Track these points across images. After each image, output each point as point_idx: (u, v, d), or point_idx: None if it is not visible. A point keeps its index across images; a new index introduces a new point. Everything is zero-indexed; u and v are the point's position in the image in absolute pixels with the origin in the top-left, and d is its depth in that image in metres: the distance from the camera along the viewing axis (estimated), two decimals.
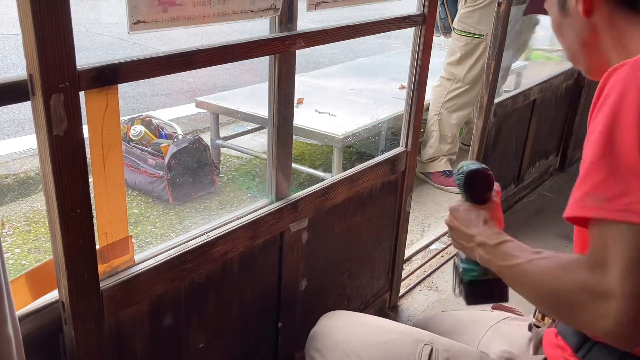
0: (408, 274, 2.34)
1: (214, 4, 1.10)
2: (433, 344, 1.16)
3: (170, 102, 4.81)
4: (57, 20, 0.86)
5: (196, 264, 1.26)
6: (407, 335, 1.20)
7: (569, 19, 1.01)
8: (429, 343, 1.16)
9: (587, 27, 0.99)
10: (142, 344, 1.22)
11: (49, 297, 1.05)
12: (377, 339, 1.21)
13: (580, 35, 1.01)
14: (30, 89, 0.89)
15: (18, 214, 2.98)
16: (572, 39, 1.04)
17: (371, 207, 1.81)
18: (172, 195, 3.14)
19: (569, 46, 1.06)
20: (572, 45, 1.05)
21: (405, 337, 1.19)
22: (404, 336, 1.20)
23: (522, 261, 0.90)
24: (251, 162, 3.73)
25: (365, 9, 7.96)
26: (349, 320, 1.32)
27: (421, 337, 1.19)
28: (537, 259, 0.88)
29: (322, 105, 3.35)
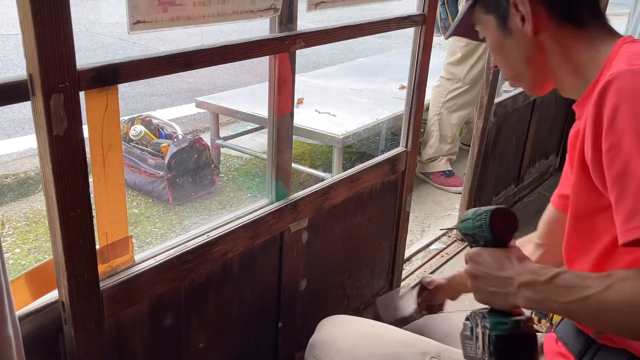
0: (408, 274, 2.34)
1: (214, 4, 1.10)
2: (440, 356, 1.13)
3: (170, 102, 4.81)
4: (57, 20, 0.86)
5: (196, 264, 1.26)
6: (414, 348, 1.16)
7: (512, 39, 1.01)
8: (436, 356, 1.13)
9: (534, 46, 0.99)
10: (142, 344, 1.22)
11: (49, 297, 1.05)
12: (382, 351, 1.17)
13: (527, 55, 1.01)
14: (30, 89, 0.89)
15: (18, 214, 2.98)
16: (516, 59, 1.03)
17: (371, 207, 1.81)
18: (172, 195, 3.14)
19: (512, 66, 1.05)
20: (515, 65, 1.04)
21: (411, 350, 1.15)
22: (410, 349, 1.16)
23: (597, 290, 0.80)
24: (251, 162, 3.73)
25: (365, 9, 7.96)
26: (351, 328, 1.28)
27: (428, 349, 1.15)
28: (615, 283, 0.79)
29: (322, 105, 3.35)
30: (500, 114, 2.59)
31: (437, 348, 1.16)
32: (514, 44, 1.01)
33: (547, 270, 0.86)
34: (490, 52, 1.08)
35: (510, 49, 1.02)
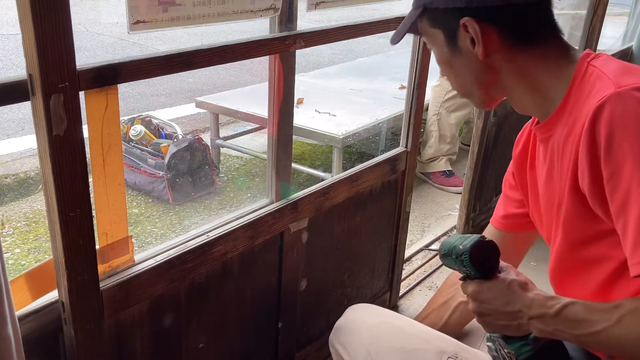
0: (408, 274, 2.34)
1: (214, 4, 1.10)
2: (457, 356, 1.13)
3: (170, 102, 4.81)
4: (57, 20, 0.86)
5: (196, 264, 1.26)
6: (432, 346, 1.16)
7: (462, 58, 0.97)
8: (453, 356, 1.13)
9: (485, 68, 0.96)
10: (142, 344, 1.22)
11: (49, 297, 1.05)
12: (402, 346, 1.17)
13: (477, 76, 0.97)
14: (30, 89, 0.89)
15: (18, 214, 2.98)
16: (465, 77, 1.00)
17: (371, 207, 1.81)
18: (172, 195, 3.14)
19: (462, 83, 1.01)
20: (465, 83, 1.01)
21: (429, 347, 1.16)
22: (429, 346, 1.16)
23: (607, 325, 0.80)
24: (251, 162, 3.73)
25: (365, 9, 7.96)
26: (377, 320, 1.27)
27: (445, 348, 1.14)
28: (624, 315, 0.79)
29: (322, 105, 3.35)
30: (500, 114, 2.59)
31: (455, 347, 1.15)
32: (463, 63, 0.97)
33: (555, 301, 0.85)
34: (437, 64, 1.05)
35: (459, 67, 0.99)
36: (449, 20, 0.95)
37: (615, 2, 3.97)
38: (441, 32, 0.98)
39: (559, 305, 0.84)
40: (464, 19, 0.92)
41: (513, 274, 0.92)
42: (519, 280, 0.91)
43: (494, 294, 0.91)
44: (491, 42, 0.93)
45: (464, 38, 0.94)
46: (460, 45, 0.96)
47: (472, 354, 1.15)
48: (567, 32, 4.38)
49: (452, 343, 1.17)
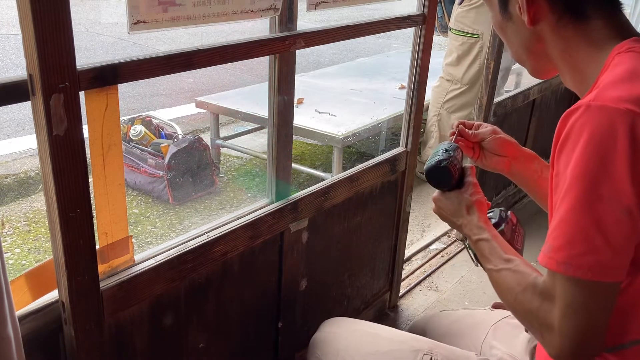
0: (408, 274, 2.34)
1: (214, 4, 1.10)
2: (432, 353, 1.17)
3: (170, 102, 4.81)
4: (57, 20, 0.86)
5: (196, 264, 1.26)
6: (407, 346, 1.20)
7: (512, 24, 0.97)
8: (428, 353, 1.17)
9: (532, 36, 0.96)
10: (142, 344, 1.22)
11: (49, 297, 1.05)
12: (378, 349, 1.21)
13: (525, 43, 0.98)
14: (30, 89, 0.89)
15: (18, 214, 2.98)
16: (516, 44, 1.00)
17: (371, 207, 1.81)
18: (172, 195, 3.14)
19: (514, 49, 1.02)
20: (516, 49, 1.01)
21: (405, 347, 1.19)
22: (404, 346, 1.20)
23: (492, 268, 0.97)
24: (251, 162, 3.73)
25: (365, 9, 7.96)
26: (350, 328, 1.31)
27: (420, 347, 1.18)
28: (504, 269, 0.95)
29: (322, 105, 3.35)
30: (500, 114, 2.59)
31: (429, 345, 1.19)
32: (514, 29, 0.98)
33: (479, 231, 1.03)
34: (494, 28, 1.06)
35: (510, 33, 0.99)
36: None
37: None
38: None
39: (477, 237, 1.03)
40: None
41: (469, 192, 1.09)
42: (468, 201, 1.08)
43: (447, 205, 1.12)
44: (539, 11, 0.92)
45: (513, 4, 0.94)
46: (510, 10, 0.96)
47: (447, 349, 1.18)
48: None
49: (427, 341, 1.20)
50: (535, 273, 0.91)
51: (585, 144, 0.77)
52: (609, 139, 0.76)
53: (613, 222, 0.77)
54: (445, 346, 1.20)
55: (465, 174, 1.13)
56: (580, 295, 0.80)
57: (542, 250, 0.83)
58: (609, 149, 0.76)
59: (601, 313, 0.81)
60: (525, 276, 0.91)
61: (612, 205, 0.76)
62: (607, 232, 0.77)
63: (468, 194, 1.09)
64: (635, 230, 0.78)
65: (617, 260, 0.79)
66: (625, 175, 0.76)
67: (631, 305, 0.85)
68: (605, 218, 0.77)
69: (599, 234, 0.77)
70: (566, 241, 0.79)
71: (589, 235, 0.78)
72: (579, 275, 0.78)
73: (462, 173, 1.14)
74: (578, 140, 0.78)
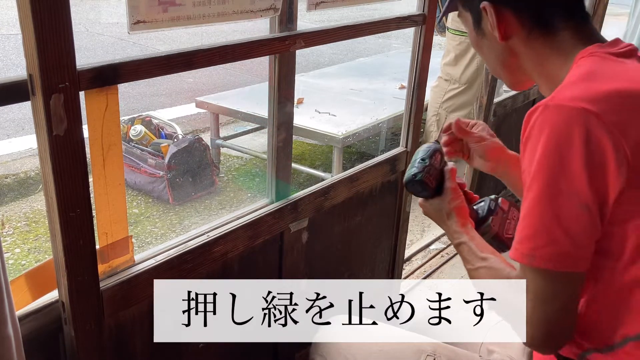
0: (408, 273, 2.34)
1: (214, 4, 1.10)
2: (435, 354, 1.16)
3: (170, 102, 4.81)
4: (57, 20, 0.86)
5: (196, 264, 1.26)
6: (410, 345, 1.19)
7: (487, 40, 1.01)
8: (432, 354, 1.16)
9: (505, 50, 1.00)
10: (142, 344, 1.22)
11: (49, 297, 1.05)
12: (380, 348, 1.21)
13: (499, 58, 1.02)
14: (30, 89, 0.89)
15: (18, 214, 2.98)
16: (491, 59, 1.04)
17: (371, 207, 1.81)
18: (172, 195, 3.14)
19: (490, 64, 1.07)
20: (492, 64, 1.06)
21: (407, 348, 1.19)
22: (407, 346, 1.19)
23: (471, 267, 1.03)
24: (251, 162, 3.73)
25: (365, 9, 7.96)
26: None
27: (423, 347, 1.18)
28: (480, 267, 1.01)
29: (322, 105, 3.35)
30: (500, 114, 2.59)
31: (433, 346, 1.19)
32: (488, 45, 1.02)
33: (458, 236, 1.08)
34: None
35: (485, 49, 1.04)
36: (475, 4, 0.99)
37: (615, 2, 3.97)
38: (470, 15, 1.03)
39: (456, 241, 1.08)
40: (483, 3, 0.96)
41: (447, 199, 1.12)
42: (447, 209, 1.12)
43: (430, 211, 1.16)
44: (509, 27, 0.96)
45: (485, 21, 0.99)
46: (483, 27, 1.00)
47: (450, 350, 1.18)
48: None
49: (430, 343, 1.19)
50: (508, 268, 0.96)
51: (545, 143, 0.81)
52: (565, 137, 0.80)
53: (572, 216, 0.81)
54: (449, 347, 1.19)
55: (444, 178, 1.14)
56: (545, 286, 0.84)
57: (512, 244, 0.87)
58: (566, 147, 0.80)
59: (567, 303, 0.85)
60: (500, 272, 0.97)
61: (571, 201, 0.80)
62: (567, 225, 0.81)
63: (446, 202, 1.12)
64: (594, 225, 0.82)
65: (577, 252, 0.82)
66: (580, 173, 0.79)
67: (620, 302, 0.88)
68: (565, 212, 0.81)
69: (559, 227, 0.81)
70: (530, 234, 0.83)
71: (549, 228, 0.82)
72: (541, 265, 0.83)
73: (441, 178, 1.15)
74: (538, 138, 0.82)
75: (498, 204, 1.18)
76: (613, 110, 0.80)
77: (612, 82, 0.84)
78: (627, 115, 0.81)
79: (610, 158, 0.79)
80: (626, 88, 0.84)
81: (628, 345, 0.89)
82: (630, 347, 0.89)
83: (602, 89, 0.83)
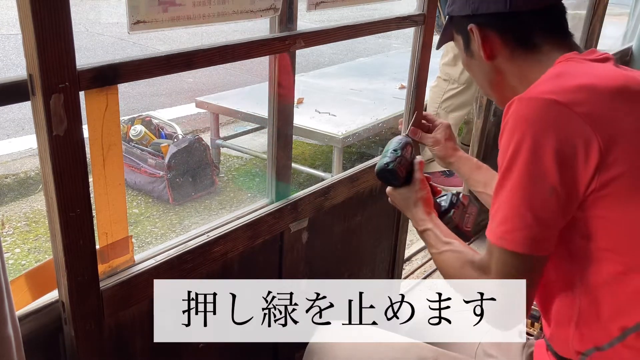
0: (408, 273, 2.34)
1: (214, 4, 1.10)
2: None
3: (170, 102, 4.81)
4: (57, 20, 0.86)
5: (196, 264, 1.26)
6: (411, 354, 1.17)
7: (475, 61, 1.10)
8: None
9: (492, 69, 1.08)
10: (142, 344, 1.22)
11: (49, 297, 1.05)
12: (381, 358, 1.18)
13: (487, 76, 1.10)
14: (30, 89, 0.89)
15: (18, 214, 2.98)
16: (480, 78, 1.13)
17: (371, 207, 1.81)
18: (172, 195, 3.14)
19: (480, 84, 1.16)
20: (481, 83, 1.15)
21: (409, 357, 1.17)
22: (408, 355, 1.17)
23: (435, 252, 1.12)
24: (251, 162, 3.73)
25: (365, 9, 7.96)
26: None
27: (425, 355, 1.16)
28: (445, 251, 1.10)
29: (322, 105, 3.35)
30: (500, 114, 2.58)
31: (435, 353, 1.17)
32: (477, 65, 1.11)
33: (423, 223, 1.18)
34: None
35: (475, 69, 1.12)
36: (464, 27, 1.08)
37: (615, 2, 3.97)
38: (461, 38, 1.12)
39: (422, 228, 1.18)
40: (470, 25, 1.05)
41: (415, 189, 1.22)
42: (414, 198, 1.22)
43: (398, 199, 1.26)
44: (494, 47, 1.05)
45: (474, 43, 1.07)
46: (472, 49, 1.09)
47: (450, 357, 1.17)
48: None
49: (431, 349, 1.18)
50: (472, 251, 1.05)
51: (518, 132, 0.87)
52: (535, 125, 0.87)
53: (541, 200, 0.87)
54: (450, 353, 1.17)
55: (414, 169, 1.24)
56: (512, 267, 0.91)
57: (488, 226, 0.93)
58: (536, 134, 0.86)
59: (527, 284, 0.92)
60: (464, 254, 1.05)
61: (540, 185, 0.86)
62: (536, 210, 0.87)
63: (414, 192, 1.22)
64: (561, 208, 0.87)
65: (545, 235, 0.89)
66: (550, 157, 0.85)
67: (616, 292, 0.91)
68: (535, 197, 0.87)
69: (529, 212, 0.87)
70: (504, 218, 0.90)
71: (521, 213, 0.88)
72: (512, 248, 0.89)
73: (410, 169, 1.25)
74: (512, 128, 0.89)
75: (459, 199, 1.29)
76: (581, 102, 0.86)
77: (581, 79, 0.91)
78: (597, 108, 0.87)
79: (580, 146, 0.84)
80: (593, 83, 0.90)
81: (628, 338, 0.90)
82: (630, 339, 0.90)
83: (570, 83, 0.90)
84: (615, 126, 0.86)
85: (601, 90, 0.89)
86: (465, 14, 1.06)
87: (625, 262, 0.89)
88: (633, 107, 0.89)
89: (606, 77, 0.92)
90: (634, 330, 0.90)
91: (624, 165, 0.85)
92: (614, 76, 0.93)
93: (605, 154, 0.84)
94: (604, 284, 0.91)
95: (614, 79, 0.91)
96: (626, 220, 0.88)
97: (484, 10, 1.03)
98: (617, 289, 0.90)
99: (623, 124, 0.87)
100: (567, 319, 0.97)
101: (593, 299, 0.93)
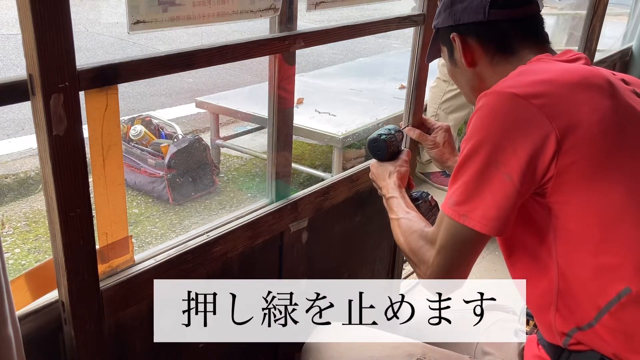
0: (408, 273, 2.34)
1: (214, 4, 1.10)
2: (425, 357, 1.18)
3: (170, 102, 4.81)
4: (57, 20, 0.86)
5: (196, 264, 1.26)
6: (401, 350, 1.20)
7: (459, 69, 1.17)
8: (422, 357, 1.18)
9: (474, 76, 1.14)
10: (142, 344, 1.22)
11: (49, 297, 1.05)
12: (371, 355, 1.21)
13: (470, 83, 1.17)
14: (30, 89, 0.89)
15: (18, 214, 2.98)
16: (464, 86, 1.20)
17: (371, 206, 1.81)
18: (172, 195, 3.14)
19: (464, 92, 1.23)
20: (465, 91, 1.21)
21: (398, 353, 1.20)
22: (398, 351, 1.20)
23: (394, 217, 1.21)
24: (251, 162, 3.73)
25: (365, 9, 7.96)
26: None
27: (414, 351, 1.19)
28: (402, 218, 1.19)
29: (322, 105, 3.35)
30: None
31: (423, 349, 1.20)
32: (460, 73, 1.18)
33: (392, 191, 1.29)
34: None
35: (459, 77, 1.19)
36: (448, 37, 1.15)
37: (615, 2, 3.97)
38: (446, 49, 1.19)
39: (389, 195, 1.28)
40: (452, 34, 1.13)
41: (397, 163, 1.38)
42: (392, 169, 1.36)
43: (378, 172, 1.39)
44: (475, 54, 1.12)
45: (456, 51, 1.14)
46: (455, 57, 1.16)
47: (440, 353, 1.19)
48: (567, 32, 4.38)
49: (421, 345, 1.21)
50: (425, 223, 1.14)
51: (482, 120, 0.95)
52: (496, 115, 0.94)
53: (498, 183, 0.92)
54: (439, 349, 1.19)
55: (401, 152, 1.40)
56: (457, 240, 0.98)
57: (445, 202, 0.99)
58: (497, 123, 0.94)
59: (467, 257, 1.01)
60: (417, 224, 1.14)
61: (499, 169, 0.92)
62: (493, 191, 0.93)
63: (395, 165, 1.36)
64: (515, 192, 0.92)
65: (497, 214, 0.93)
66: (508, 145, 0.91)
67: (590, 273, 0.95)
68: (493, 180, 0.93)
69: (486, 192, 0.93)
70: (460, 195, 0.96)
71: (477, 193, 0.94)
72: (463, 221, 0.95)
73: (398, 151, 1.41)
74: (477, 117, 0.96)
75: (430, 197, 1.40)
76: (538, 94, 0.93)
77: (542, 75, 0.98)
78: (554, 99, 0.93)
79: (536, 135, 0.90)
80: (552, 77, 0.96)
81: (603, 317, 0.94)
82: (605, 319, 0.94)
83: (530, 79, 0.97)
84: (572, 116, 0.91)
85: (560, 83, 0.95)
86: (448, 24, 1.14)
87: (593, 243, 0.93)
88: (590, 97, 0.94)
89: (568, 72, 0.98)
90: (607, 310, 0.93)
91: (579, 152, 0.90)
92: (575, 71, 0.99)
93: (561, 142, 0.90)
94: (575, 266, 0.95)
95: (574, 73, 0.98)
96: (588, 204, 0.92)
97: (465, 20, 1.10)
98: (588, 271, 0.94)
99: (580, 114, 0.92)
100: (548, 304, 1.01)
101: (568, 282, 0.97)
